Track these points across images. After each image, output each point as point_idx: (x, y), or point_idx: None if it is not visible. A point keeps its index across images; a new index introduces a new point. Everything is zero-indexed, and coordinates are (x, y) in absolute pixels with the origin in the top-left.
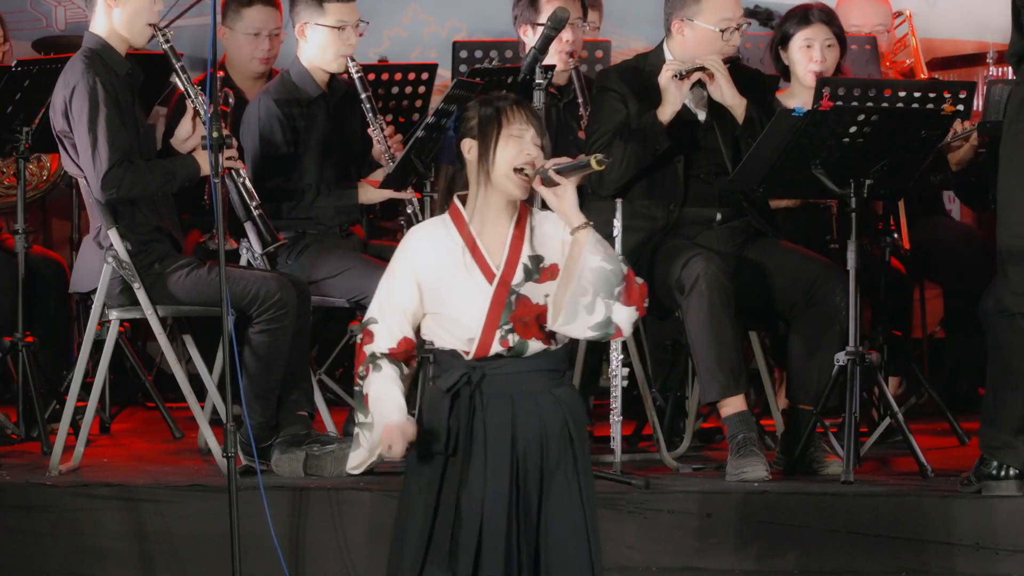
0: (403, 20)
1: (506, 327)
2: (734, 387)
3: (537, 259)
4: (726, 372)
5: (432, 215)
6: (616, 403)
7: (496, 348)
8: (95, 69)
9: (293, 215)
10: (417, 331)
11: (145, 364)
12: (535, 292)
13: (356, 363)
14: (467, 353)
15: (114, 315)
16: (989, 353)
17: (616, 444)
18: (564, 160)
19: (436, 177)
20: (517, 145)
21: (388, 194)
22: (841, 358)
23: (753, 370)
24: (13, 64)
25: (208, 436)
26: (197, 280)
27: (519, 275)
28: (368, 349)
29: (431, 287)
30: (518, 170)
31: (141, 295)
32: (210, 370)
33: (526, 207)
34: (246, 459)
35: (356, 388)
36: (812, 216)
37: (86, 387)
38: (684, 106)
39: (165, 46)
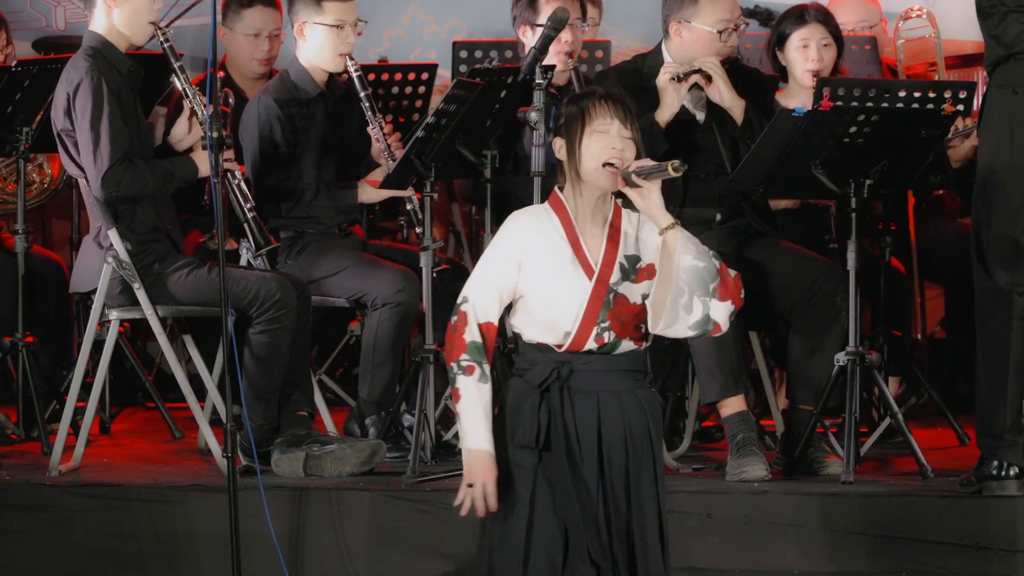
0: (403, 20)
1: (603, 324)
2: (734, 387)
3: (634, 259)
4: (726, 372)
5: (432, 216)
6: None
7: (590, 344)
8: (99, 67)
9: (292, 214)
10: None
11: (145, 364)
12: (632, 292)
13: (453, 350)
14: (559, 347)
15: (114, 315)
16: (981, 351)
17: None
18: (647, 163)
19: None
20: (602, 140)
21: (387, 193)
22: (841, 358)
23: (753, 370)
24: (13, 64)
25: (208, 436)
26: (197, 280)
27: (616, 274)
28: (467, 337)
29: (531, 270)
30: (606, 164)
31: (141, 295)
32: (210, 370)
33: (619, 207)
34: (246, 460)
35: (451, 373)
36: (812, 216)
37: (86, 387)
38: (683, 107)
39: (164, 45)
